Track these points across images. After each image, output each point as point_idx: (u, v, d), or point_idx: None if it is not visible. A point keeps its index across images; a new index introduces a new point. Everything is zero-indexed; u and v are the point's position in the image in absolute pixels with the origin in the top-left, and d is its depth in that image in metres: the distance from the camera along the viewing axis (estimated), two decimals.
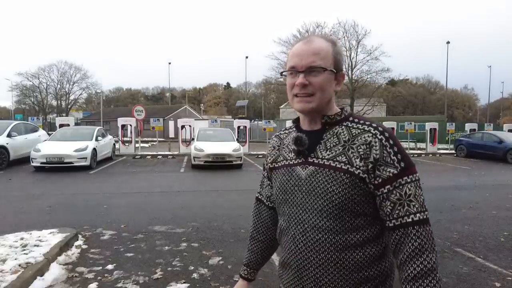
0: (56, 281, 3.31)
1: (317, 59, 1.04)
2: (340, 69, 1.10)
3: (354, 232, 1.01)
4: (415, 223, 0.97)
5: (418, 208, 0.98)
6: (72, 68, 48.93)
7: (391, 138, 1.02)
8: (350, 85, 28.30)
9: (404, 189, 0.98)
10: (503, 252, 4.19)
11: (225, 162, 11.61)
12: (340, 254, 1.01)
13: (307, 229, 1.05)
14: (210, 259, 3.87)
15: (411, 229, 0.96)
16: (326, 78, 1.05)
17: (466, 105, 64.76)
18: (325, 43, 1.07)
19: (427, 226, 0.97)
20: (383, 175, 0.98)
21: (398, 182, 0.98)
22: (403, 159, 1.00)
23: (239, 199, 7.07)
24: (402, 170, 0.98)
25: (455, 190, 8.32)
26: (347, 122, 1.08)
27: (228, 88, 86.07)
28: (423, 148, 19.82)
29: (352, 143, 1.02)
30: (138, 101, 70.46)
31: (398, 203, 0.98)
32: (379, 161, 0.99)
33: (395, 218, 0.98)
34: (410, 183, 0.99)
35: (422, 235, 0.96)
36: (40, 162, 10.48)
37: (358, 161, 0.99)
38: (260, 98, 62.49)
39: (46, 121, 37.43)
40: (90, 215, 5.65)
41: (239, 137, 17.25)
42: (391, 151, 1.00)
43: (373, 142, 1.00)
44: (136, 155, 15.32)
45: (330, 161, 1.03)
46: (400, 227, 0.97)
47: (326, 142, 1.06)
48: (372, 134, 1.02)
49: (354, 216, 1.01)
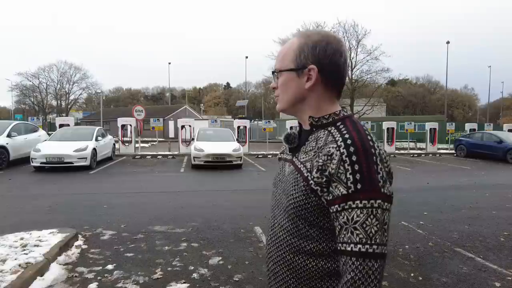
0: (56, 281, 3.31)
1: (276, 62, 1.07)
2: (305, 64, 1.00)
3: (309, 241, 0.97)
4: (353, 253, 0.85)
5: (362, 239, 0.84)
6: (72, 68, 49.10)
7: (357, 154, 0.88)
8: (350, 85, 28.31)
9: (352, 214, 0.86)
10: (503, 252, 4.20)
11: (225, 162, 11.61)
12: (294, 256, 1.00)
13: (275, 225, 1.08)
14: (210, 259, 3.87)
15: (348, 259, 0.86)
16: (285, 78, 1.05)
17: (466, 105, 64.74)
18: (290, 42, 1.05)
19: (369, 262, 0.84)
20: (334, 192, 0.89)
21: (348, 205, 0.87)
22: (362, 180, 0.86)
23: (239, 199, 7.07)
24: (355, 192, 0.86)
25: (455, 190, 8.32)
26: (332, 127, 0.98)
27: (228, 88, 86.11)
28: (423, 148, 19.83)
29: (320, 151, 0.95)
30: (138, 101, 70.48)
31: (344, 227, 0.87)
32: (334, 176, 0.89)
33: (340, 242, 0.88)
34: (361, 209, 0.85)
35: (358, 269, 0.84)
36: (40, 162, 10.48)
37: (315, 171, 0.93)
38: (260, 98, 62.48)
39: (46, 121, 37.45)
40: (90, 215, 5.65)
41: (239, 137, 17.24)
42: (349, 168, 0.87)
43: (334, 154, 0.90)
44: (136, 155, 15.32)
45: (301, 164, 1.00)
46: (341, 253, 0.88)
47: (308, 144, 1.03)
48: (337, 145, 0.91)
49: (309, 225, 0.97)
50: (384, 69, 28.17)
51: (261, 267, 3.53)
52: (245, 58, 42.05)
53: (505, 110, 59.78)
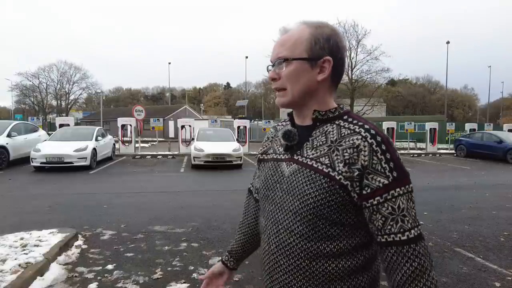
0: (56, 281, 3.31)
1: (283, 50, 0.96)
2: (320, 55, 0.95)
3: (328, 241, 0.92)
4: (411, 240, 0.86)
5: (412, 224, 0.87)
6: (72, 68, 49.11)
7: (384, 143, 0.88)
8: (350, 85, 28.32)
9: (397, 202, 0.87)
10: (503, 252, 4.20)
11: (225, 162, 11.61)
12: (310, 262, 0.93)
13: (280, 231, 0.97)
14: (210, 259, 3.87)
15: (407, 248, 0.86)
16: (296, 68, 0.95)
17: (466, 105, 64.74)
18: (299, 30, 0.96)
19: (422, 242, 0.88)
20: (372, 184, 0.87)
21: (391, 194, 0.87)
22: (396, 168, 0.88)
23: (239, 199, 7.05)
24: (394, 180, 0.87)
25: (455, 190, 8.31)
26: (340, 121, 0.96)
27: (228, 88, 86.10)
28: (423, 148, 19.83)
29: (338, 145, 0.92)
30: (138, 101, 70.49)
31: (390, 218, 0.87)
32: (368, 168, 0.87)
33: (387, 234, 0.87)
34: (403, 196, 0.87)
35: (421, 253, 0.86)
36: (40, 162, 10.48)
37: (341, 166, 0.89)
38: (260, 98, 62.51)
39: (46, 121, 37.45)
40: (90, 215, 5.65)
41: (239, 137, 17.24)
42: (383, 157, 0.87)
43: (362, 146, 0.88)
44: (136, 155, 15.32)
45: (313, 161, 0.94)
46: (393, 244, 0.87)
47: (314, 140, 0.97)
48: (362, 136, 0.89)
49: (330, 224, 0.91)
50: (384, 69, 28.26)
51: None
52: (245, 58, 42.13)
53: (505, 110, 59.78)
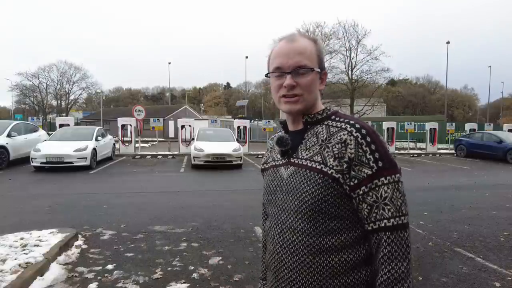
0: (56, 281, 3.31)
1: (303, 59, 1.01)
2: (324, 68, 1.08)
3: (329, 236, 0.96)
4: (387, 228, 0.91)
5: (394, 213, 0.92)
6: (72, 68, 49.05)
7: (369, 135, 0.94)
8: (350, 85, 28.31)
9: (380, 191, 0.92)
10: (503, 252, 4.19)
11: (225, 162, 11.61)
12: (313, 258, 0.97)
13: (284, 230, 1.02)
14: (210, 259, 3.87)
15: (382, 235, 0.92)
16: (312, 78, 1.02)
17: (466, 105, 64.73)
18: (308, 42, 1.04)
19: (400, 233, 0.92)
20: (358, 175, 0.93)
21: (374, 183, 0.92)
22: (381, 158, 0.93)
23: (239, 199, 7.07)
24: (378, 170, 0.92)
25: (455, 190, 8.31)
26: (328, 121, 1.04)
27: (228, 88, 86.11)
28: (423, 148, 19.83)
29: (328, 142, 0.98)
30: (138, 101, 70.47)
31: (374, 206, 0.92)
32: (354, 160, 0.93)
33: (372, 221, 0.93)
34: (387, 185, 0.92)
35: (393, 242, 0.91)
36: (40, 162, 10.48)
37: (331, 161, 0.95)
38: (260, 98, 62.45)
39: (46, 121, 37.45)
40: (90, 215, 5.65)
41: (239, 137, 17.24)
42: (367, 149, 0.93)
43: (348, 140, 0.95)
44: (136, 155, 15.31)
45: (307, 161, 1.00)
46: (375, 231, 0.93)
47: (307, 142, 1.04)
48: (348, 131, 0.96)
49: (329, 218, 0.96)
50: (384, 69, 28.20)
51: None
52: (245, 58, 42.08)
53: (505, 110, 59.77)
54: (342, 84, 28.67)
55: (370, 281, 0.99)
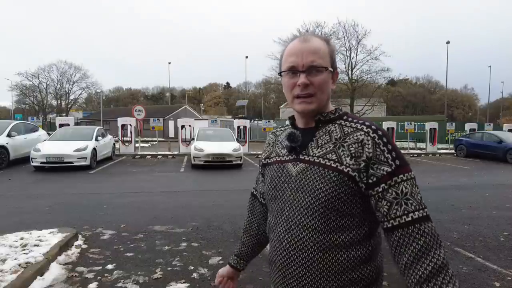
0: (56, 281, 3.31)
1: (316, 58, 1.02)
2: (336, 68, 1.10)
3: (339, 233, 0.99)
4: (415, 221, 0.92)
5: (417, 206, 0.94)
6: (72, 68, 49.01)
7: (384, 137, 0.99)
8: (350, 85, 28.31)
9: (400, 187, 0.94)
10: (503, 252, 4.19)
11: (225, 162, 11.61)
12: (323, 254, 0.99)
13: (292, 227, 1.03)
14: (210, 259, 3.87)
15: (412, 228, 0.92)
16: (326, 78, 1.04)
17: (466, 105, 64.73)
18: (321, 42, 1.06)
19: (428, 223, 0.93)
20: (377, 173, 0.95)
21: (394, 181, 0.95)
22: (398, 157, 0.97)
23: (239, 199, 7.07)
24: (396, 168, 0.95)
25: (455, 190, 8.31)
26: (341, 121, 1.06)
27: (228, 88, 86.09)
28: (423, 148, 19.83)
29: (343, 141, 1.00)
30: (138, 101, 70.42)
31: (395, 202, 0.94)
32: (372, 159, 0.96)
33: (393, 218, 0.94)
34: (406, 181, 0.95)
35: (425, 233, 0.92)
36: (40, 161, 10.48)
37: (348, 160, 0.97)
38: (260, 98, 62.47)
39: (46, 121, 37.46)
40: (90, 215, 5.65)
41: (239, 137, 17.25)
42: (385, 149, 0.97)
43: (365, 140, 0.98)
44: (136, 155, 15.31)
45: (320, 158, 1.01)
46: (399, 227, 0.93)
47: (318, 139, 1.05)
48: (364, 132, 0.99)
49: (340, 216, 0.98)
50: (384, 69, 28.21)
51: (261, 267, 3.52)
52: (245, 58, 42.09)
53: (505, 110, 59.80)
54: (342, 84, 28.64)
55: (375, 276, 1.03)
